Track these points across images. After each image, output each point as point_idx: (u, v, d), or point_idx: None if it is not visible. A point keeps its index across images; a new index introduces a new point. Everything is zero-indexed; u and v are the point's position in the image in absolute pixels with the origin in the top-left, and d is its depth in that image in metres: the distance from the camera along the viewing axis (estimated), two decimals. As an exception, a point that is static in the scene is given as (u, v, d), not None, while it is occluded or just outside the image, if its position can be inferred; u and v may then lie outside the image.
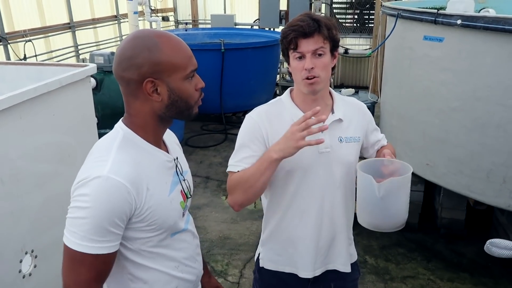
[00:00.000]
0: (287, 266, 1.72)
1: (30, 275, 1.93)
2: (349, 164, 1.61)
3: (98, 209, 1.06)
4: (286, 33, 1.47)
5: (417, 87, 3.31)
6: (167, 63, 1.12)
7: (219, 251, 3.55)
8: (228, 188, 1.55)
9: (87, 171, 1.10)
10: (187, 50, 1.17)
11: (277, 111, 1.60)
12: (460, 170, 3.07)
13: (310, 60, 1.45)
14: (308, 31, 1.42)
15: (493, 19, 2.61)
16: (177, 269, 1.30)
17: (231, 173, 1.55)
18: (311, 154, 1.55)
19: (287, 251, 1.70)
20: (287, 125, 1.48)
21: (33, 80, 2.15)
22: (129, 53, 1.12)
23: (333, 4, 8.29)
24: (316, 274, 1.70)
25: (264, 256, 1.77)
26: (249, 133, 1.57)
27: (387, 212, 1.41)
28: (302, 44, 1.44)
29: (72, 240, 1.09)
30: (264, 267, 1.76)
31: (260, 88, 6.79)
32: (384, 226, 1.45)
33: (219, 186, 4.73)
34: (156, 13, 8.49)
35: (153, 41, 1.12)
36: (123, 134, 1.18)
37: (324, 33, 1.44)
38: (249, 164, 1.51)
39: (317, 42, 1.44)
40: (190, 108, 1.20)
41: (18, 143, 1.86)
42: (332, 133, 1.57)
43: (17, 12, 5.22)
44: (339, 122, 1.59)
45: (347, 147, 1.60)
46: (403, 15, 3.33)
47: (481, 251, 3.50)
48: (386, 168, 1.48)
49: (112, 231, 1.09)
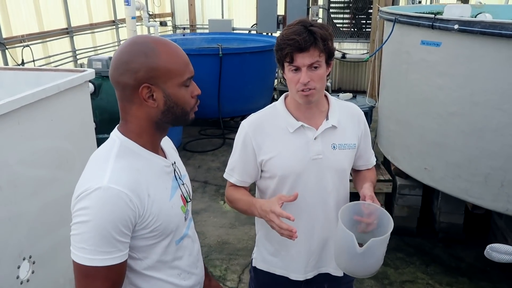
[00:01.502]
0: (278, 268, 1.75)
1: (27, 281, 1.92)
2: (342, 171, 1.63)
3: (103, 221, 1.05)
4: (281, 46, 1.45)
5: (415, 91, 3.32)
6: (164, 69, 1.12)
7: (217, 256, 3.54)
8: (226, 195, 1.74)
9: (86, 183, 1.09)
10: (184, 57, 1.17)
11: (271, 119, 1.62)
12: (458, 174, 3.07)
13: (306, 74, 1.44)
14: (304, 46, 1.41)
15: (490, 24, 2.62)
16: (179, 277, 1.30)
17: (228, 181, 1.71)
18: (303, 160, 1.57)
19: (279, 253, 1.73)
20: (281, 133, 1.57)
21: (31, 85, 2.15)
22: (126, 58, 1.12)
23: (330, 9, 8.32)
24: (307, 277, 1.73)
25: (258, 256, 1.81)
26: (240, 142, 1.64)
27: (365, 264, 1.45)
28: (298, 58, 1.43)
29: (83, 256, 1.06)
30: (256, 266, 1.81)
31: (258, 93, 6.80)
32: (360, 274, 1.50)
33: (217, 191, 4.72)
34: (154, 18, 8.51)
35: (150, 47, 1.12)
36: (120, 142, 1.17)
37: (319, 46, 1.42)
38: (240, 174, 1.66)
39: (312, 56, 1.43)
40: (186, 114, 1.20)
41: (16, 148, 1.86)
42: (325, 140, 1.58)
43: (15, 17, 5.22)
44: (333, 129, 1.60)
45: (340, 153, 1.61)
46: (401, 20, 3.35)
47: (479, 255, 3.52)
48: (366, 208, 1.50)
49: (120, 240, 1.09)
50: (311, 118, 1.58)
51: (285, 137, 1.58)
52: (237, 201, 1.66)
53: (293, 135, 1.57)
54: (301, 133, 1.57)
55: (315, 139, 1.56)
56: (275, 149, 1.58)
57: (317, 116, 1.59)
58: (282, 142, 1.58)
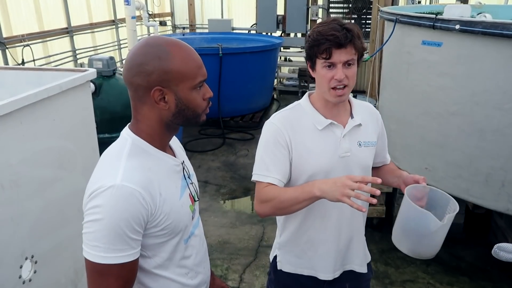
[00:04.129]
0: (306, 269, 1.73)
1: (30, 281, 1.92)
2: (367, 167, 1.66)
3: (117, 219, 1.05)
4: (319, 41, 1.45)
5: (416, 91, 3.32)
6: (176, 73, 1.12)
7: (218, 255, 3.55)
8: (259, 198, 1.54)
9: (99, 181, 1.09)
10: (198, 60, 1.17)
11: (297, 117, 1.61)
12: (458, 174, 3.08)
13: (342, 71, 1.46)
14: (344, 42, 1.42)
15: (491, 24, 2.63)
16: (187, 276, 1.30)
17: (261, 183, 1.54)
18: (332, 159, 1.57)
19: (306, 254, 1.71)
20: (309, 131, 1.55)
21: (33, 85, 2.14)
22: (140, 59, 1.12)
23: (329, 8, 8.32)
24: (335, 276, 1.72)
25: (282, 259, 1.77)
26: (273, 139, 1.56)
27: (434, 243, 1.44)
28: (335, 54, 1.44)
29: (96, 254, 1.07)
30: (282, 269, 1.77)
31: (257, 93, 6.80)
32: (426, 255, 1.48)
33: (218, 190, 4.72)
34: (153, 17, 8.51)
35: (165, 50, 1.12)
36: (132, 141, 1.18)
37: (357, 44, 1.45)
38: (278, 172, 1.52)
39: (349, 53, 1.45)
40: (197, 116, 1.20)
41: (18, 148, 1.86)
42: (352, 137, 1.60)
43: (15, 17, 5.22)
44: (358, 127, 1.62)
45: (365, 151, 1.63)
46: (402, 20, 3.35)
47: (480, 254, 3.53)
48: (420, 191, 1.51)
49: (133, 238, 1.09)
50: (337, 116, 1.59)
51: (314, 135, 1.57)
52: (282, 193, 1.48)
53: (322, 132, 1.57)
54: (329, 131, 1.58)
55: (343, 137, 1.57)
56: (304, 147, 1.56)
57: (342, 115, 1.60)
58: (311, 140, 1.57)
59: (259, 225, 3.99)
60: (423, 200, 1.51)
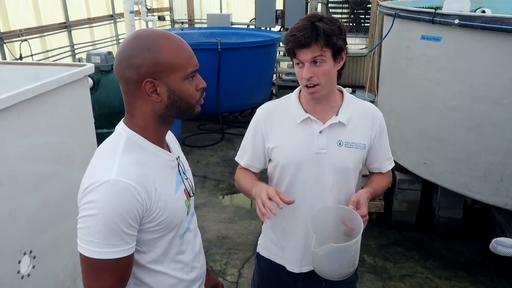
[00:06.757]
0: (278, 257, 1.78)
1: (28, 276, 1.92)
2: (345, 169, 1.60)
3: (111, 214, 1.05)
4: (285, 41, 1.49)
5: (415, 86, 3.32)
6: (167, 64, 1.11)
7: (217, 250, 3.55)
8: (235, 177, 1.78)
9: (94, 177, 1.09)
10: (188, 51, 1.16)
11: (284, 108, 1.66)
12: (457, 169, 3.08)
13: (308, 69, 1.46)
14: (305, 42, 1.41)
15: (491, 19, 2.62)
16: (182, 271, 1.30)
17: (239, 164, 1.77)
18: (306, 153, 1.58)
19: (280, 243, 1.76)
20: (289, 122, 1.61)
21: (31, 80, 2.14)
22: (129, 52, 1.11)
23: (329, 3, 8.29)
24: (302, 271, 1.74)
25: (262, 243, 1.86)
26: (253, 126, 1.69)
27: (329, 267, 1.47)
28: (300, 53, 1.45)
29: (90, 249, 1.06)
30: (259, 253, 1.86)
31: (256, 88, 6.79)
32: (327, 276, 1.49)
33: (217, 185, 4.72)
34: (152, 12, 8.48)
35: (154, 41, 1.11)
36: (127, 136, 1.17)
37: (321, 42, 1.42)
38: (249, 158, 1.72)
39: (314, 52, 1.43)
40: (191, 107, 1.19)
41: (16, 143, 1.85)
42: (331, 135, 1.58)
43: (12, 12, 5.19)
44: (341, 126, 1.58)
45: (345, 151, 1.59)
46: (401, 14, 3.34)
47: (478, 249, 3.54)
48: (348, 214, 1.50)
49: (128, 233, 1.09)
50: (320, 112, 1.59)
51: (292, 128, 1.60)
52: (243, 181, 1.69)
53: (300, 126, 1.59)
54: (307, 125, 1.58)
55: (320, 133, 1.57)
56: (281, 138, 1.62)
57: (327, 111, 1.59)
58: (288, 132, 1.60)
59: (258, 220, 3.99)
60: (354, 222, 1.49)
